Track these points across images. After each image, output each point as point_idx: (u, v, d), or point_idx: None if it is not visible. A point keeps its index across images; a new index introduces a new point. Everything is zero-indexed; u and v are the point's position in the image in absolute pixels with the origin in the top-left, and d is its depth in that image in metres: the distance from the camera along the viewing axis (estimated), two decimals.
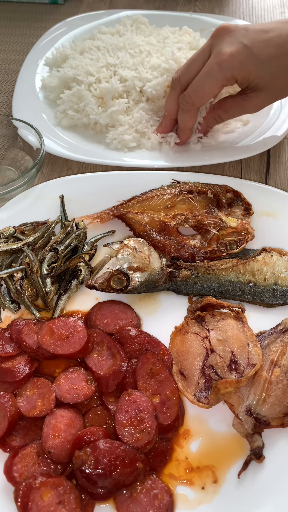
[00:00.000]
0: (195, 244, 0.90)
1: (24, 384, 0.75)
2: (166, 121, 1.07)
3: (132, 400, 0.71)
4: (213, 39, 0.93)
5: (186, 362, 0.77)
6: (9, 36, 1.55)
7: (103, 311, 0.85)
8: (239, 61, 0.89)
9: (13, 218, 0.94)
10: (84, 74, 1.14)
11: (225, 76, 0.91)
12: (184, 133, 1.05)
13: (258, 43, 0.89)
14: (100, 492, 0.65)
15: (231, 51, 0.89)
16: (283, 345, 0.75)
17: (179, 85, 1.00)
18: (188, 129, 1.04)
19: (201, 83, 0.94)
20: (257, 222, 0.94)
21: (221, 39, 0.92)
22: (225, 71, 0.90)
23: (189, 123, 1.03)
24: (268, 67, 0.90)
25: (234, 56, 0.89)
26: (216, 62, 0.90)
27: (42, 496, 0.63)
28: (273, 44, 0.88)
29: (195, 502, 0.67)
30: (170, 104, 1.04)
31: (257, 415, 0.70)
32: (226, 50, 0.89)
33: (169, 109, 1.05)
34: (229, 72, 0.91)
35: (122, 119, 1.09)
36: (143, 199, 0.94)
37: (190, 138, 1.08)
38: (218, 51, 0.90)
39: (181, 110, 1.01)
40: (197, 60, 0.96)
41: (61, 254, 0.87)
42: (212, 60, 0.91)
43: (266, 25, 0.91)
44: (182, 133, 1.05)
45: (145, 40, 1.23)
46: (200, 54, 0.96)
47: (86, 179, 1.00)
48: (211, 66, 0.91)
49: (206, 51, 0.94)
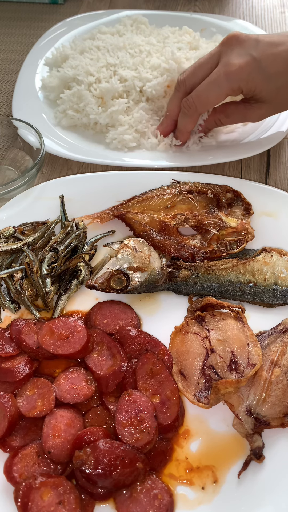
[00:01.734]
0: (195, 244, 0.90)
1: (24, 384, 0.75)
2: (168, 121, 1.07)
3: (132, 400, 0.71)
4: (223, 47, 0.93)
5: (186, 362, 0.77)
6: (9, 36, 1.55)
7: (103, 311, 0.85)
8: (247, 73, 0.89)
9: (13, 218, 0.94)
10: (84, 74, 1.14)
11: (232, 87, 0.92)
12: (182, 136, 1.06)
13: (267, 57, 0.89)
14: (100, 492, 0.65)
15: (240, 63, 0.89)
16: (283, 345, 0.75)
17: (183, 87, 1.00)
18: (187, 132, 1.05)
19: (206, 91, 0.94)
20: (257, 222, 0.94)
21: (231, 48, 0.91)
22: (232, 83, 0.91)
23: (188, 127, 1.03)
24: (275, 82, 0.90)
25: (242, 69, 0.89)
26: (224, 72, 0.90)
27: (42, 496, 0.63)
28: (282, 59, 0.88)
29: (195, 502, 0.67)
30: (173, 106, 1.04)
31: (257, 415, 0.70)
32: (235, 62, 0.89)
33: (171, 110, 1.05)
34: (236, 84, 0.91)
35: (122, 119, 1.09)
36: (143, 199, 0.94)
37: (188, 139, 1.08)
38: (227, 61, 0.90)
39: (183, 114, 1.01)
40: (204, 65, 0.96)
41: (61, 254, 0.87)
42: (221, 69, 0.91)
43: (276, 38, 0.91)
44: (181, 135, 1.06)
45: (145, 40, 1.23)
46: (208, 60, 0.95)
47: (86, 179, 1.00)
48: (219, 76, 0.91)
49: (215, 58, 0.94)
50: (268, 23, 1.56)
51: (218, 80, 0.91)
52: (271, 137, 1.08)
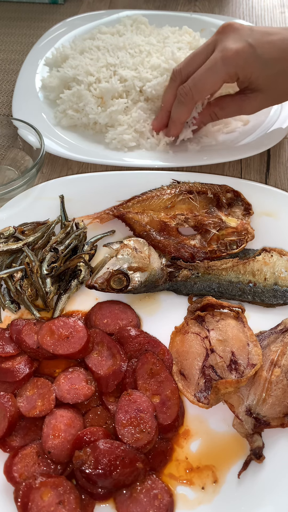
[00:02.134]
0: (195, 244, 0.90)
1: (24, 384, 0.75)
2: (163, 113, 1.06)
3: (132, 400, 0.71)
4: (218, 35, 0.93)
5: (186, 362, 0.77)
6: (9, 36, 1.55)
7: (103, 311, 0.85)
8: (243, 58, 0.89)
9: (13, 218, 0.94)
10: (84, 74, 1.14)
11: (228, 72, 0.91)
12: (175, 126, 1.04)
13: (262, 44, 0.89)
14: (100, 492, 0.65)
15: (236, 48, 0.89)
16: (283, 345, 0.75)
17: (179, 77, 0.99)
18: (180, 123, 1.03)
19: (203, 77, 0.93)
20: (257, 222, 0.94)
21: (227, 35, 0.92)
22: (229, 67, 0.90)
23: (182, 117, 1.01)
24: (271, 69, 0.90)
25: (239, 54, 0.89)
26: (221, 57, 0.90)
27: (42, 496, 0.63)
28: (277, 47, 0.89)
29: (195, 502, 0.67)
30: (168, 95, 1.03)
31: (257, 415, 0.70)
32: (231, 47, 0.89)
33: (166, 101, 1.04)
34: (233, 69, 0.91)
35: (121, 119, 1.09)
36: (143, 199, 0.94)
37: (180, 132, 1.06)
38: (224, 47, 0.90)
39: (178, 102, 0.99)
40: (200, 54, 0.96)
41: (61, 254, 0.87)
42: (217, 54, 0.91)
43: (270, 29, 0.92)
44: (174, 125, 1.04)
45: (145, 40, 1.23)
46: (204, 49, 0.95)
47: (86, 179, 1.00)
48: (215, 61, 0.91)
49: (210, 46, 0.94)
50: (268, 23, 1.56)
51: (215, 65, 0.91)
52: (271, 137, 1.08)
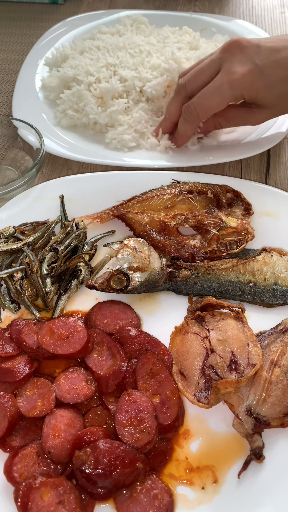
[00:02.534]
0: (195, 244, 0.90)
1: (24, 384, 0.75)
2: (166, 123, 1.07)
3: (132, 400, 0.71)
4: (224, 53, 0.92)
5: (186, 362, 0.77)
6: (9, 36, 1.55)
7: (103, 311, 0.85)
8: (250, 81, 0.89)
9: (13, 218, 0.94)
10: (84, 74, 1.14)
11: (235, 95, 0.92)
12: (182, 139, 1.05)
13: (269, 64, 0.89)
14: (100, 492, 0.65)
15: (243, 71, 0.89)
16: (283, 345, 0.75)
17: (184, 92, 1.00)
18: (187, 137, 1.05)
19: (208, 98, 0.94)
20: (257, 222, 0.94)
21: (233, 55, 0.91)
22: (235, 90, 0.91)
23: (189, 133, 1.03)
24: (277, 89, 0.90)
25: (245, 77, 0.89)
26: (228, 81, 0.90)
27: (42, 496, 0.63)
28: (284, 66, 0.89)
29: (195, 502, 0.67)
30: (172, 109, 1.04)
31: (257, 415, 0.70)
32: (238, 70, 0.89)
33: (170, 114, 1.05)
34: (239, 92, 0.91)
35: (121, 119, 1.09)
36: (143, 199, 0.94)
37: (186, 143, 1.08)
38: (229, 69, 0.90)
39: (184, 120, 1.01)
40: (205, 71, 0.95)
41: (61, 254, 0.87)
42: (223, 77, 0.91)
43: (277, 43, 0.91)
44: (180, 139, 1.05)
45: (145, 40, 1.23)
46: (209, 66, 0.95)
47: (86, 179, 1.00)
48: (221, 84, 0.91)
49: (216, 64, 0.93)
50: (268, 23, 1.56)
51: (220, 88, 0.91)
52: (271, 137, 1.08)
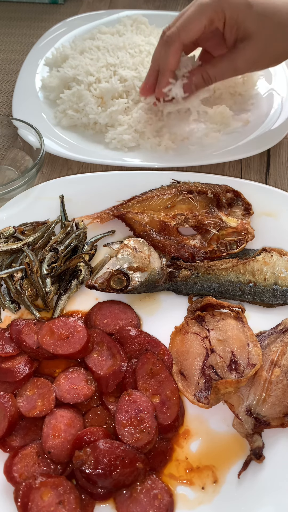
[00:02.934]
0: (195, 244, 0.90)
1: (24, 384, 0.75)
2: (150, 72, 1.02)
3: (132, 400, 0.71)
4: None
5: (186, 362, 0.77)
6: (9, 36, 1.55)
7: (103, 311, 0.85)
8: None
9: (13, 218, 0.94)
10: (84, 74, 1.14)
11: (215, 9, 0.90)
12: (164, 76, 0.97)
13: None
14: (100, 492, 0.65)
15: None
16: (283, 345, 0.75)
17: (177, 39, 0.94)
18: (169, 71, 0.97)
19: (189, 15, 0.92)
20: (257, 222, 0.94)
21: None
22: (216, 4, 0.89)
23: (170, 63, 0.95)
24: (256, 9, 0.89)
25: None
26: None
27: (42, 496, 0.63)
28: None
29: (195, 502, 0.67)
30: (155, 53, 1.00)
31: (257, 415, 0.70)
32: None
33: (154, 59, 1.00)
34: (219, 5, 0.90)
35: (121, 119, 1.09)
36: (143, 199, 0.94)
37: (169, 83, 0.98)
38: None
39: (164, 43, 0.95)
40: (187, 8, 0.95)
41: (61, 254, 0.87)
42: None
43: None
44: (163, 76, 0.98)
45: (145, 40, 1.23)
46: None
47: (86, 179, 1.00)
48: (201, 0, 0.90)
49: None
50: None
51: (201, 3, 0.90)
52: (271, 137, 1.08)
